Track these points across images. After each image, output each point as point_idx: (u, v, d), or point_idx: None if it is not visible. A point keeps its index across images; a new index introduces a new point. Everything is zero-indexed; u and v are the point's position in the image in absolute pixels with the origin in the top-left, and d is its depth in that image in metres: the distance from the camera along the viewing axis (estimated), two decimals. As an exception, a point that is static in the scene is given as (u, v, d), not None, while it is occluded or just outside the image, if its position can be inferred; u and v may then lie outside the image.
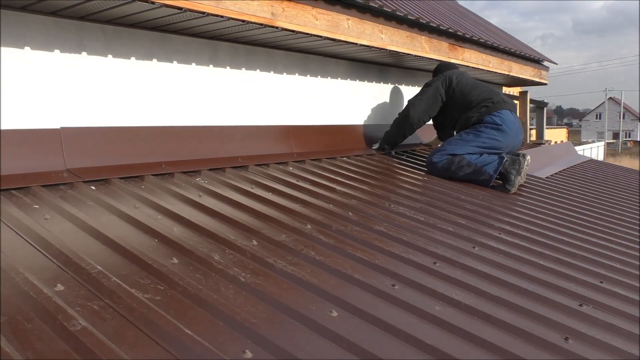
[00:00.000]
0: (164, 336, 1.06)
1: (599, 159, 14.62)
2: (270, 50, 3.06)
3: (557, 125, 55.41)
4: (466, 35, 4.07)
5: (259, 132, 2.95)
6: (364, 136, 3.82)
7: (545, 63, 6.14)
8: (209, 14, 2.09)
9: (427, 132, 4.34)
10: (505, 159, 3.16)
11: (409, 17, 3.30)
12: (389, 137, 3.68)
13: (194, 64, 2.64)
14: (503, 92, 6.69)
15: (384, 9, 3.03)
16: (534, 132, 7.35)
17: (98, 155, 2.17)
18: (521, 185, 3.41)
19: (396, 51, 3.31)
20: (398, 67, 4.31)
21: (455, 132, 3.59)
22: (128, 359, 0.97)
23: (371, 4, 2.90)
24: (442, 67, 3.84)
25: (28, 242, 1.43)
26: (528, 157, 3.23)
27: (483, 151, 3.25)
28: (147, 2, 1.88)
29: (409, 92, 4.56)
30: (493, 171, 3.13)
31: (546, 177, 4.06)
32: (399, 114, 3.64)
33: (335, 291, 1.40)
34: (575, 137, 43.54)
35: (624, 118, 49.62)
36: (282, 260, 1.55)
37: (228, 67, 2.82)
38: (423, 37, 3.56)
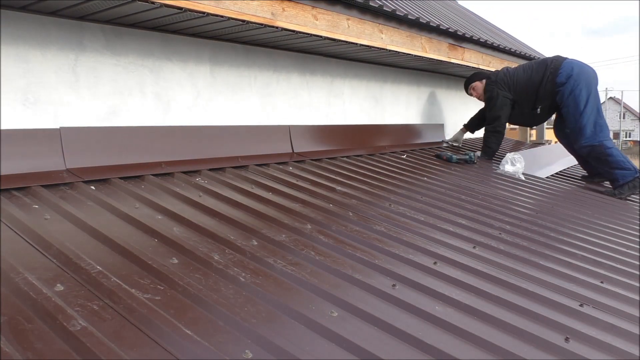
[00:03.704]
0: (164, 336, 1.06)
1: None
2: (270, 50, 3.06)
3: (557, 125, 55.15)
4: (466, 35, 4.07)
5: (259, 132, 2.95)
6: (365, 136, 3.82)
7: (545, 63, 6.13)
8: (209, 14, 2.09)
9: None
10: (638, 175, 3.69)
11: (409, 17, 3.30)
12: (491, 150, 4.18)
13: (194, 64, 2.64)
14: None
15: (384, 9, 3.03)
16: (534, 132, 7.35)
17: (98, 155, 2.17)
18: (522, 186, 3.41)
19: (396, 51, 3.31)
20: (397, 67, 4.31)
21: (539, 109, 3.98)
22: (128, 359, 0.97)
23: (371, 4, 2.90)
24: (482, 75, 4.29)
25: (28, 242, 1.43)
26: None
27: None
28: (147, 2, 1.88)
29: (409, 92, 4.56)
30: (621, 177, 3.67)
31: (546, 177, 4.06)
32: (491, 128, 4.12)
33: (335, 291, 1.40)
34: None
35: (624, 118, 49.56)
36: (282, 260, 1.55)
37: (228, 67, 2.82)
38: (423, 37, 3.56)
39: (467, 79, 4.39)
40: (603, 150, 3.72)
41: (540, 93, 3.87)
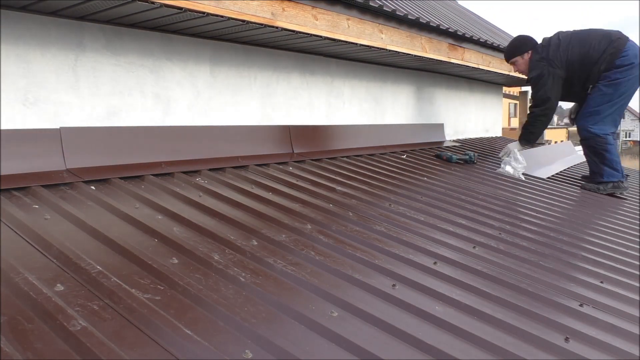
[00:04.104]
0: (164, 336, 1.06)
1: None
2: (270, 50, 3.06)
3: (557, 125, 55.27)
4: (466, 35, 4.07)
5: (259, 132, 2.95)
6: (365, 136, 3.82)
7: (545, 63, 6.13)
8: (209, 14, 2.09)
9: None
10: (623, 180, 3.59)
11: (409, 17, 3.30)
12: (533, 136, 3.78)
13: (193, 64, 2.64)
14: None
15: (384, 9, 3.03)
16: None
17: (98, 155, 2.17)
18: (523, 186, 3.41)
19: (396, 51, 3.31)
20: (397, 67, 4.31)
21: (590, 88, 3.56)
22: (128, 359, 0.97)
23: (371, 4, 2.90)
24: (529, 43, 3.74)
25: (28, 242, 1.43)
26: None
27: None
28: (147, 2, 1.88)
29: (409, 92, 4.57)
30: (607, 176, 3.58)
31: (547, 178, 4.05)
32: (540, 111, 3.65)
33: (335, 291, 1.40)
34: (575, 137, 43.53)
35: (624, 118, 49.58)
36: (282, 260, 1.55)
37: (228, 67, 2.82)
38: (423, 37, 3.56)
39: (509, 47, 3.89)
40: (604, 144, 3.57)
41: (594, 71, 3.47)
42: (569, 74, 3.54)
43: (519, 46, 3.78)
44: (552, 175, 4.33)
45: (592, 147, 3.63)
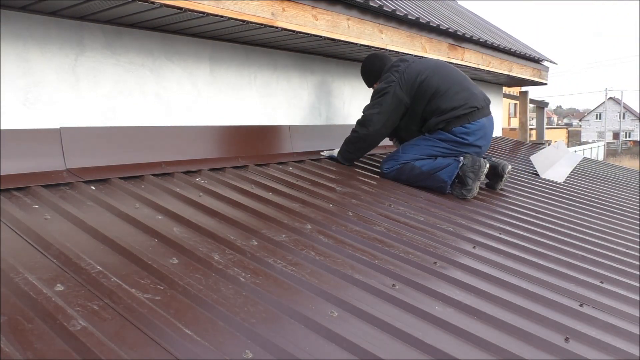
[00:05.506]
0: (164, 336, 1.06)
1: (599, 159, 14.62)
2: (270, 50, 3.06)
3: (557, 125, 55.36)
4: (466, 35, 4.07)
5: (259, 132, 2.95)
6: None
7: (545, 63, 6.14)
8: (209, 14, 2.09)
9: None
10: (462, 162, 2.76)
11: (409, 17, 3.30)
12: (347, 154, 3.09)
13: (193, 64, 2.64)
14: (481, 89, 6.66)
15: (384, 9, 3.03)
16: (534, 132, 7.35)
17: (98, 155, 2.17)
18: (522, 186, 3.41)
19: (396, 51, 3.31)
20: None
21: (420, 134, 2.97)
22: (128, 359, 0.97)
23: (371, 4, 2.90)
24: (385, 61, 3.06)
25: (28, 242, 1.43)
26: (509, 168, 3.00)
27: (437, 156, 2.86)
28: (147, 2, 1.87)
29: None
30: (448, 177, 2.75)
31: (546, 178, 4.06)
32: (355, 130, 3.00)
33: (335, 291, 1.40)
34: (575, 137, 43.58)
35: (624, 118, 49.58)
36: (282, 260, 1.55)
37: (228, 67, 2.82)
38: (423, 37, 3.56)
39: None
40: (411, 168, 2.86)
41: None
42: (412, 107, 2.93)
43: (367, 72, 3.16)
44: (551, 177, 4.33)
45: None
